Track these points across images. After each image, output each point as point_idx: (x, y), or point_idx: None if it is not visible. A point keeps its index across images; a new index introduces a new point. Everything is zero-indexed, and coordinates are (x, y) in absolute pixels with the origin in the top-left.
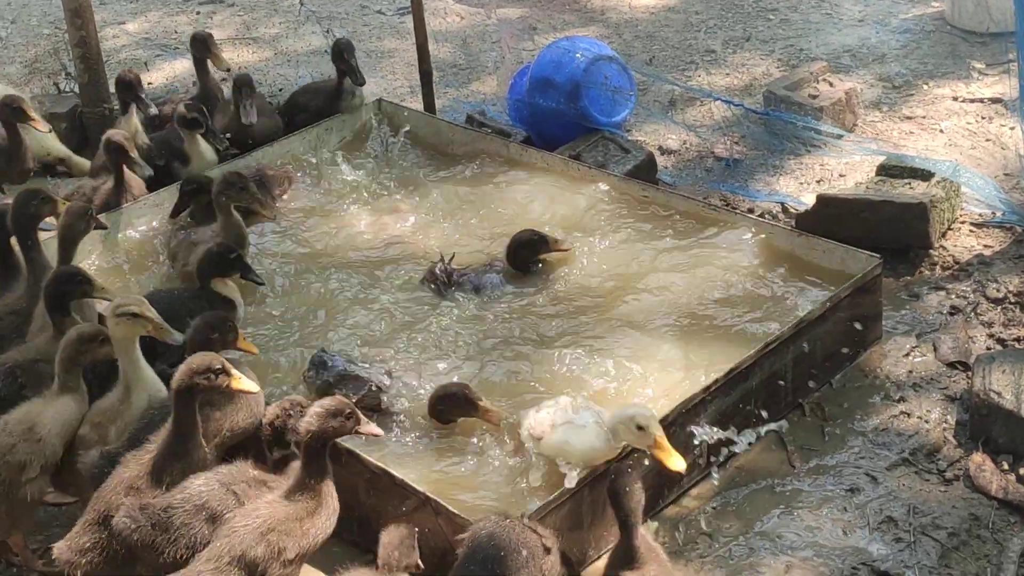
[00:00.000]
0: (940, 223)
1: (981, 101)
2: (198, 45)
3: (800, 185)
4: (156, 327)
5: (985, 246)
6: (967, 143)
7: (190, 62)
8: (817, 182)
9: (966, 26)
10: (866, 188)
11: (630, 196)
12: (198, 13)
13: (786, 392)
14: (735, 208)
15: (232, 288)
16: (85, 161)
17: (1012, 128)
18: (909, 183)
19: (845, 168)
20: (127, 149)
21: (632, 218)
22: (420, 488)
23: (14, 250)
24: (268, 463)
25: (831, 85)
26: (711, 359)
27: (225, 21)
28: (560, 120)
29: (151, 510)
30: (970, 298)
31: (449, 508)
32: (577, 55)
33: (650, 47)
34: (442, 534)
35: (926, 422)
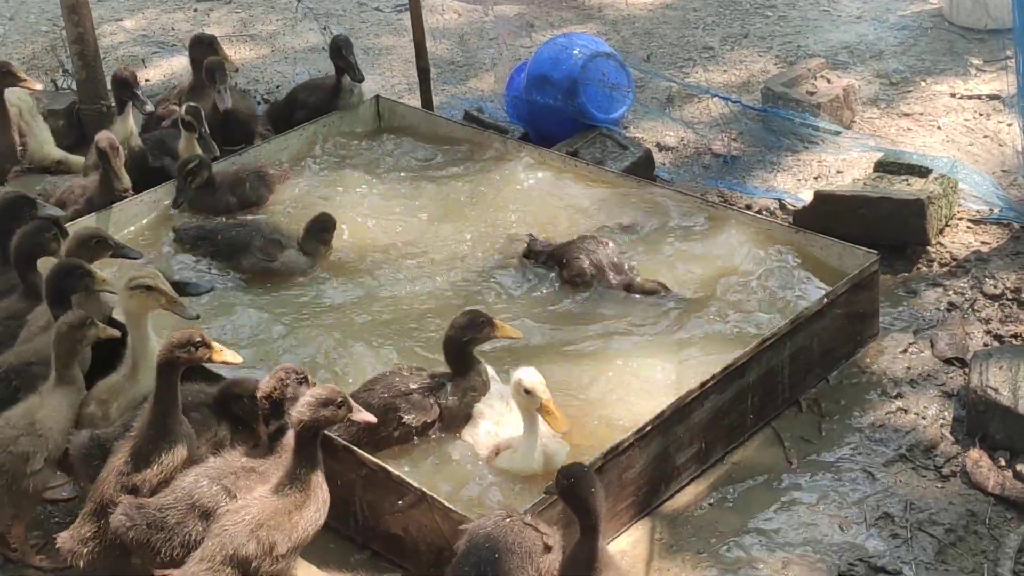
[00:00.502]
0: (937, 220)
1: (979, 98)
2: (203, 48)
3: (798, 182)
4: (169, 300)
5: (983, 243)
6: (965, 140)
7: (187, 59)
8: (815, 179)
9: (964, 23)
10: (864, 185)
11: (626, 192)
12: (195, 10)
13: (783, 388)
14: (732, 204)
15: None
16: (82, 159)
17: (1010, 125)
18: (907, 180)
19: (843, 165)
20: (110, 157)
21: (630, 216)
22: (416, 484)
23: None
24: (263, 437)
25: (829, 82)
26: (708, 355)
27: (222, 18)
28: (558, 117)
29: (147, 509)
30: (967, 294)
31: (446, 504)
32: (575, 52)
33: (648, 44)
34: (439, 531)
35: (923, 418)
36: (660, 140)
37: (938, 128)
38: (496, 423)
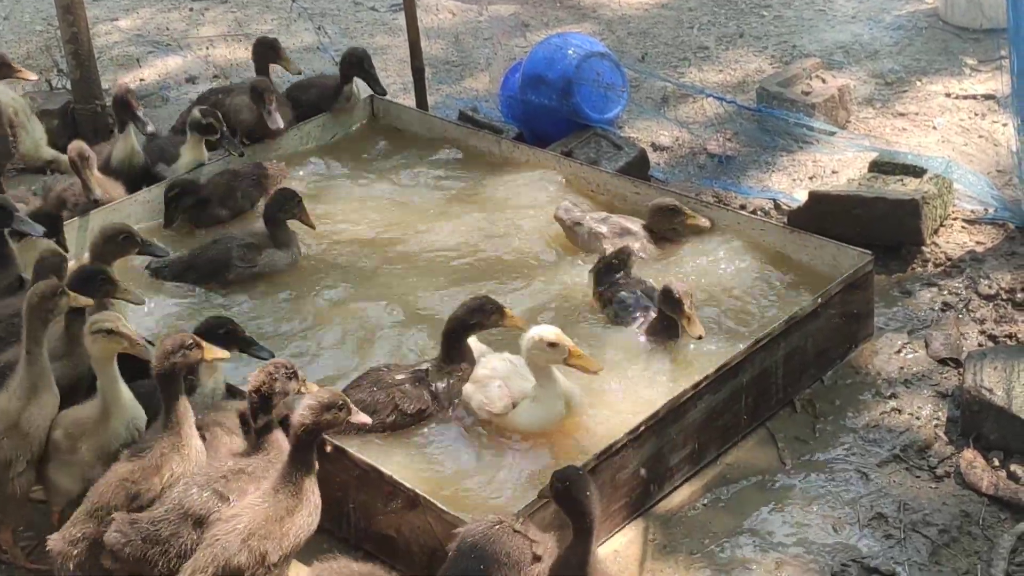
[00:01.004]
0: (932, 220)
1: (974, 98)
2: (266, 51)
3: (792, 182)
4: (132, 343)
5: (977, 243)
6: (960, 140)
7: (182, 59)
8: (809, 179)
9: (959, 23)
10: (858, 185)
11: (622, 191)
12: (191, 10)
13: (777, 389)
14: (727, 205)
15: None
16: None
17: (1005, 124)
18: (901, 180)
19: (838, 164)
20: (79, 167)
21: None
22: (410, 486)
23: (11, 250)
24: (251, 432)
25: (824, 82)
26: (702, 355)
27: (217, 18)
28: (552, 117)
29: (140, 524)
30: (962, 295)
31: (439, 506)
32: (569, 52)
33: (643, 43)
34: (432, 532)
35: (917, 419)
36: (655, 140)
37: (933, 128)
38: (505, 379)
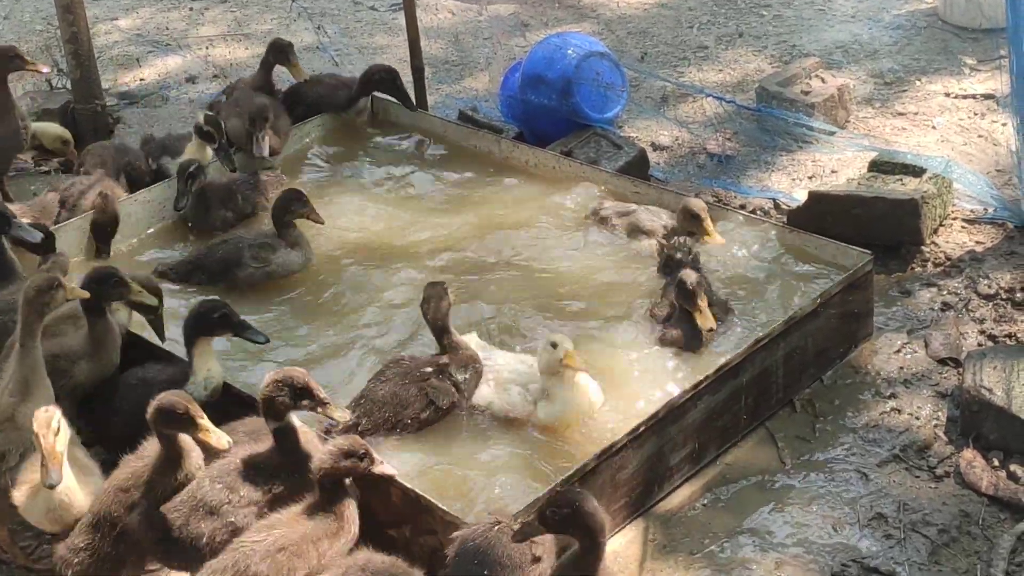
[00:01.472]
0: (932, 219)
1: (973, 97)
2: (277, 53)
3: (792, 181)
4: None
5: (977, 242)
6: (959, 139)
7: (181, 59)
8: (809, 178)
9: (958, 22)
10: (858, 184)
11: (622, 191)
12: (191, 9)
13: (777, 388)
14: (727, 204)
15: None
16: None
17: (1004, 124)
18: (901, 179)
19: (837, 164)
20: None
21: None
22: (409, 485)
23: (6, 250)
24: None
25: (823, 81)
26: (701, 355)
27: (217, 17)
28: (552, 116)
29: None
30: (961, 294)
31: (439, 505)
32: (569, 51)
33: (642, 43)
34: (432, 532)
35: (917, 419)
36: (655, 140)
37: (932, 128)
38: (524, 386)
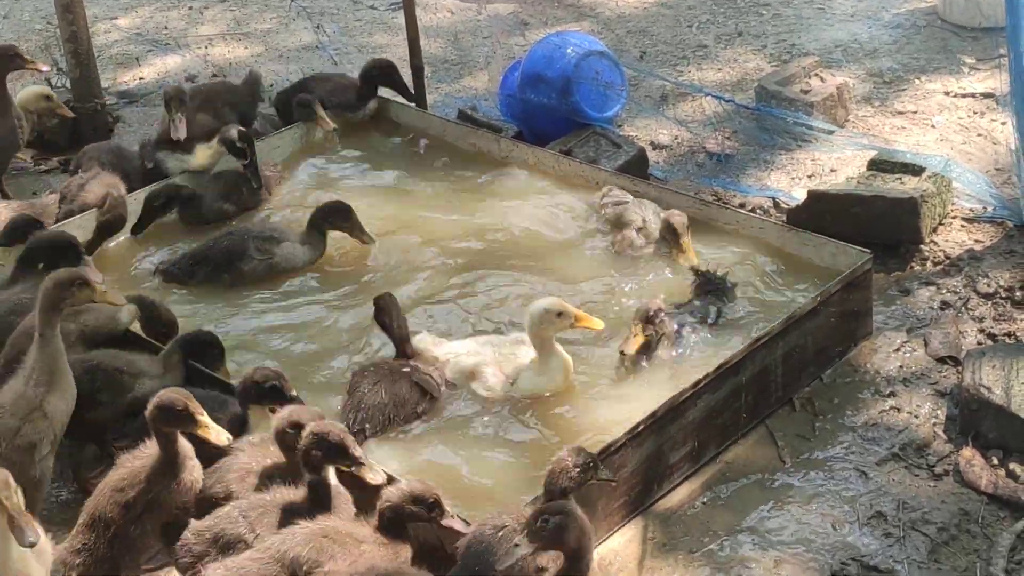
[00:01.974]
0: (931, 218)
1: (972, 96)
2: (304, 111)
3: (791, 180)
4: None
5: (976, 241)
6: (958, 138)
7: (181, 58)
8: (808, 177)
9: (957, 21)
10: (857, 183)
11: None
12: (190, 8)
13: (776, 387)
14: (726, 203)
15: None
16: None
17: (1003, 123)
18: (900, 178)
19: (836, 163)
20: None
21: None
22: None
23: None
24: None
25: (822, 80)
26: (701, 353)
27: (217, 16)
28: (551, 115)
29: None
30: (961, 293)
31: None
32: (568, 50)
33: (642, 42)
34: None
35: (916, 417)
36: (654, 138)
37: (932, 126)
38: (497, 366)
